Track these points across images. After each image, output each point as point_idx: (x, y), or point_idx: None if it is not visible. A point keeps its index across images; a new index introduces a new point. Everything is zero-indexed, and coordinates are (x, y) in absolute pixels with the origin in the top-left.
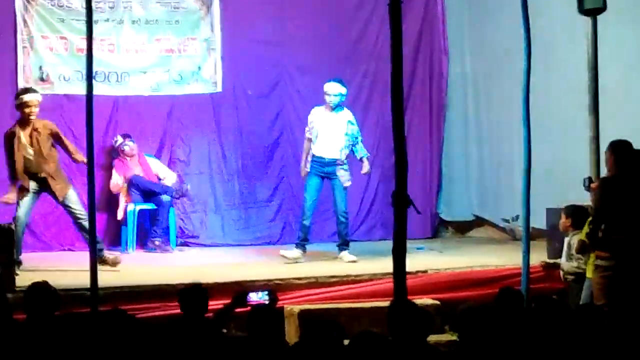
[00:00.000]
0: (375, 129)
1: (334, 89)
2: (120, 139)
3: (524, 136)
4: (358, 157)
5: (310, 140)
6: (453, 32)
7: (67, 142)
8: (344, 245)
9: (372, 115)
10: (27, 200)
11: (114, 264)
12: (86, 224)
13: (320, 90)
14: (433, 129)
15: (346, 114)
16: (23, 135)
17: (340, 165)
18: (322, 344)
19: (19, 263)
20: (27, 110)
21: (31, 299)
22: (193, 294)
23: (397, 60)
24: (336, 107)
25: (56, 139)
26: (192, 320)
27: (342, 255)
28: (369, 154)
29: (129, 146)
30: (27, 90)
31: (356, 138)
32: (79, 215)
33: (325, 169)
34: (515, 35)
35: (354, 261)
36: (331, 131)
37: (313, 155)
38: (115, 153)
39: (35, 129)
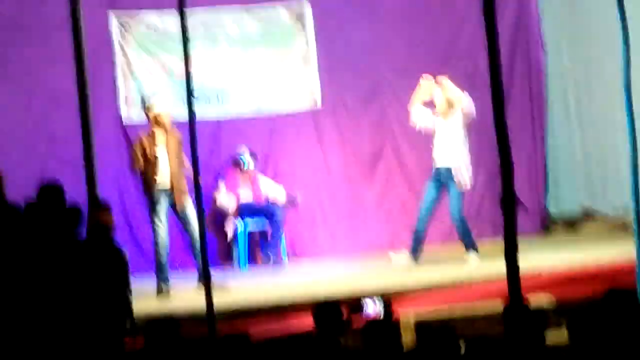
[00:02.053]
0: (477, 128)
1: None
2: (243, 150)
3: (627, 125)
4: None
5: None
6: (549, 24)
7: None
8: (466, 248)
9: None
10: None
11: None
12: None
13: None
14: (535, 123)
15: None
16: None
17: (455, 172)
18: (439, 353)
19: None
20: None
21: (153, 331)
22: (328, 311)
23: (494, 59)
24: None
25: None
26: (327, 338)
27: (466, 256)
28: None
29: (244, 161)
30: None
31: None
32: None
33: (440, 177)
34: (612, 23)
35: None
36: (443, 138)
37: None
38: (232, 163)
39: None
